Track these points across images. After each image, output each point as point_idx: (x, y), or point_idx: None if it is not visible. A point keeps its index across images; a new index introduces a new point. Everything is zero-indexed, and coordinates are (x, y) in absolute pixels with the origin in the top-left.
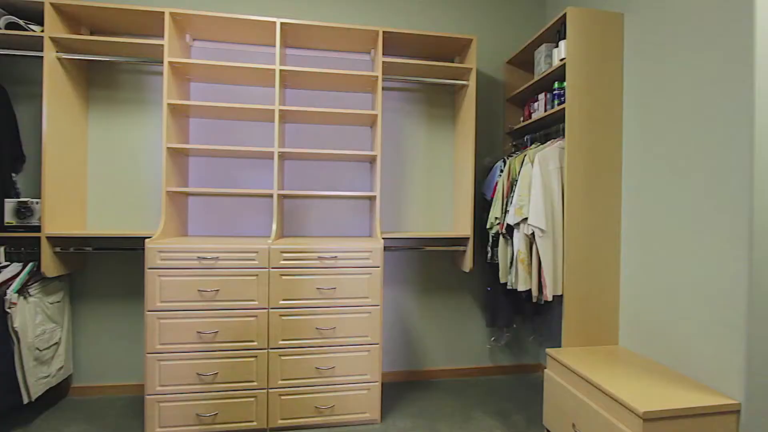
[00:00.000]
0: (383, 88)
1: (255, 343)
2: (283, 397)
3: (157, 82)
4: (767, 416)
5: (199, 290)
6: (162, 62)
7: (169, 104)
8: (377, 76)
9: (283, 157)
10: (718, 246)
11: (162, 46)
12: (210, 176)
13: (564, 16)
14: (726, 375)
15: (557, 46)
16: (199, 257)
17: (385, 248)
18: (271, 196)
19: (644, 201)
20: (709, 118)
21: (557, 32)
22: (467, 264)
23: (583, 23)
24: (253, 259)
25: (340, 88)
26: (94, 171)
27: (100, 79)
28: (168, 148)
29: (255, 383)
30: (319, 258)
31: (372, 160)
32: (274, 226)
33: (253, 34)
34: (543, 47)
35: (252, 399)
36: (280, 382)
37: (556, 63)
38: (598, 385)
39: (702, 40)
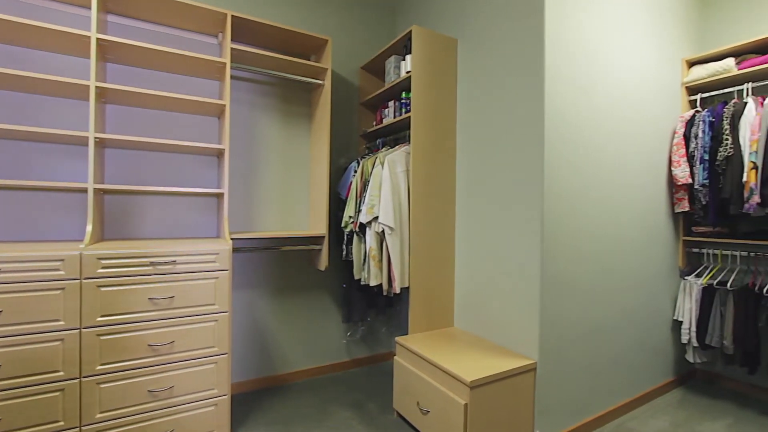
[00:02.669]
0: (233, 77)
1: (61, 373)
2: None
3: None
4: (553, 369)
5: None
6: None
7: None
8: (225, 63)
9: (102, 144)
10: (521, 240)
11: None
12: None
13: (410, 32)
14: (527, 341)
15: (404, 59)
16: None
17: (235, 249)
18: (85, 190)
19: (471, 202)
20: (514, 131)
21: (404, 46)
22: (323, 262)
23: (426, 42)
24: (58, 269)
25: (181, 70)
26: None
27: None
28: None
29: (61, 423)
30: (152, 264)
31: (219, 154)
32: (90, 228)
33: None
34: (392, 58)
35: None
36: (99, 415)
37: (403, 74)
38: (435, 363)
39: (509, 68)
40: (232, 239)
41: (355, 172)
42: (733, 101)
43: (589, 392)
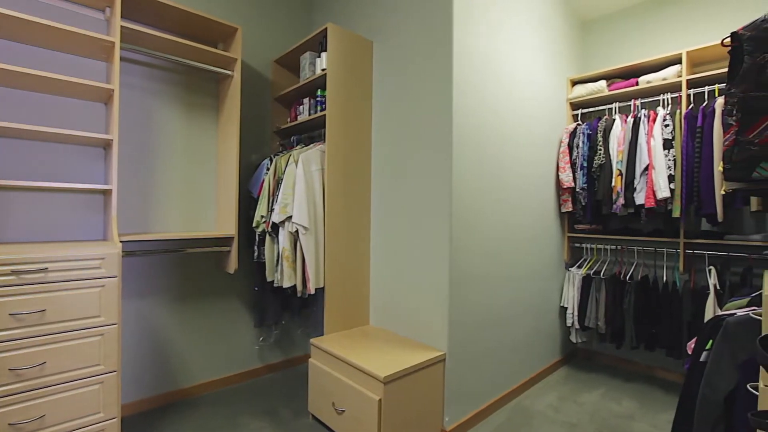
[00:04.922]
0: (126, 60)
1: None
2: None
3: None
4: (460, 358)
5: None
6: None
7: None
8: (113, 42)
9: None
10: (432, 238)
11: None
12: None
13: (326, 29)
14: (438, 334)
15: (320, 56)
16: None
17: (127, 253)
18: None
19: (385, 201)
20: (425, 135)
21: (320, 43)
22: (232, 265)
23: (341, 41)
24: None
25: (61, 47)
26: None
27: None
28: None
29: None
30: (15, 272)
31: (106, 145)
32: None
33: None
34: (308, 54)
35: None
36: None
37: (318, 72)
38: (349, 362)
39: (421, 75)
40: (122, 242)
41: (268, 169)
42: (605, 117)
43: (492, 377)
